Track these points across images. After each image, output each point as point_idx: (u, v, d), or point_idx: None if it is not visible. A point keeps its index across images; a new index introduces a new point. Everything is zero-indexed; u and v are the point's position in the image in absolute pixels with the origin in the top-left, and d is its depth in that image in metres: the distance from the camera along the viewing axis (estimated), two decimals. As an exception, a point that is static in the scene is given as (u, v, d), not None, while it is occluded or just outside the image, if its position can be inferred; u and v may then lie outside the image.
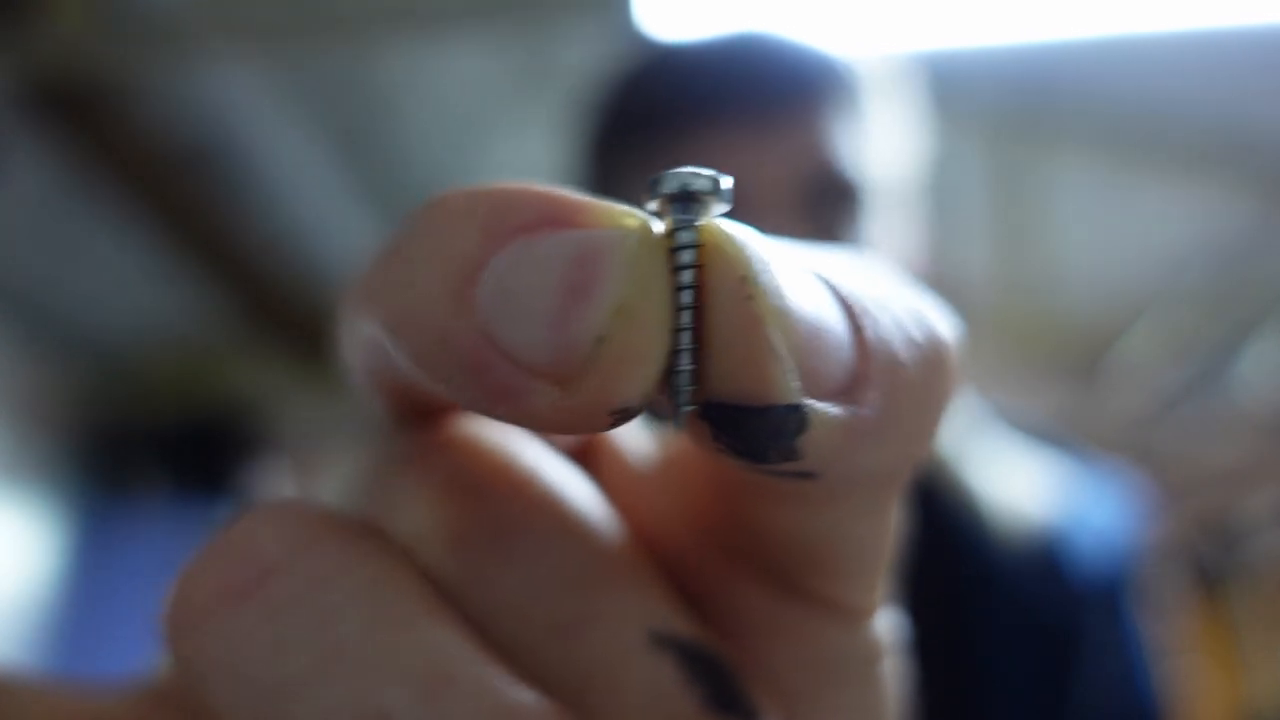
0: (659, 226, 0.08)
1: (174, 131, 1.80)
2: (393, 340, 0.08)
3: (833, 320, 0.08)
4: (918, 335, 0.08)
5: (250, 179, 1.95)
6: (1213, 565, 3.11)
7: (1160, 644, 0.44)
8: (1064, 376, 2.74)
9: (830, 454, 0.07)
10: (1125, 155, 1.99)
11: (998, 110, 1.92)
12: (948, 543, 0.41)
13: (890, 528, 0.09)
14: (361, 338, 0.09)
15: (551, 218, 0.07)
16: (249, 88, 1.70)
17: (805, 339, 0.07)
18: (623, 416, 0.07)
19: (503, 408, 0.07)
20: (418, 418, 0.10)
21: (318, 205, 2.01)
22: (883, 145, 0.39)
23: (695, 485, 0.10)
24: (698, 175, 0.08)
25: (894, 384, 0.08)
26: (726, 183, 0.08)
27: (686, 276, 0.07)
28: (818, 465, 0.07)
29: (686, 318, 0.07)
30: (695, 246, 0.07)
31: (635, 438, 0.11)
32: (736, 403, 0.07)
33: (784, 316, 0.07)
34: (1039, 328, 2.26)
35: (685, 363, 0.07)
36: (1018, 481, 0.43)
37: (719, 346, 0.07)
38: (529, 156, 1.64)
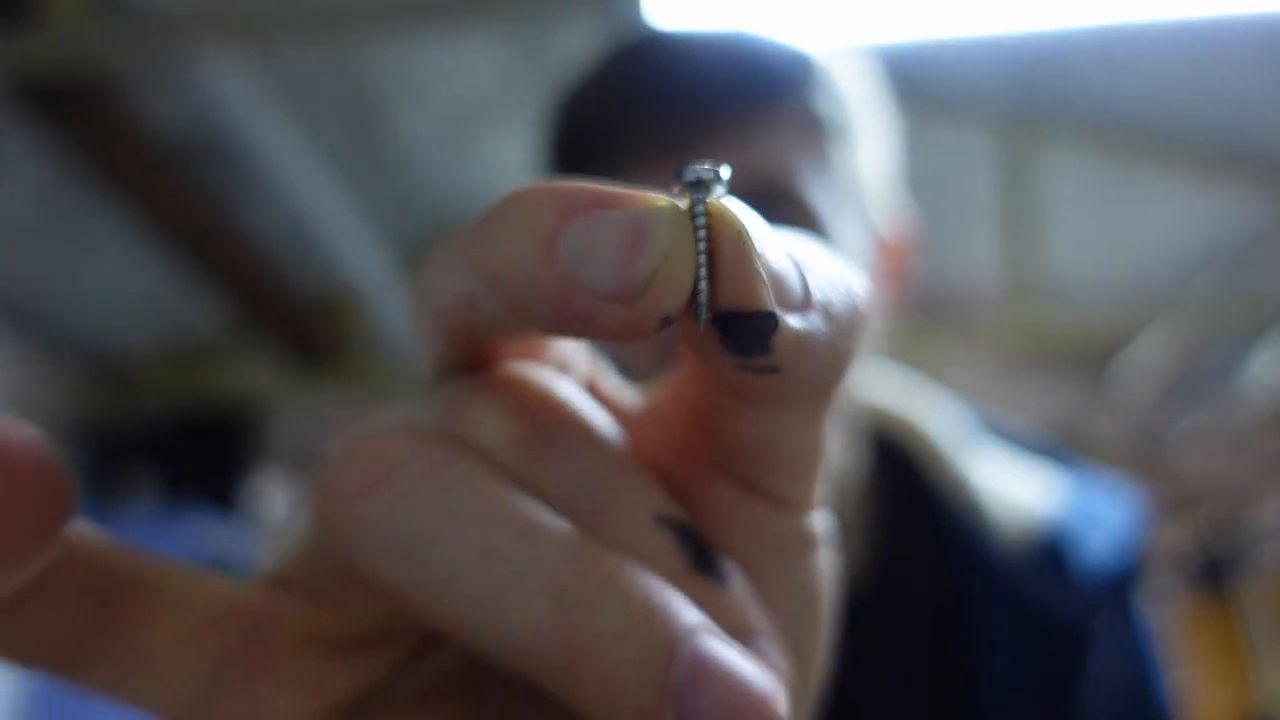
0: (681, 203, 0.12)
1: (170, 129, 1.79)
2: (490, 290, 0.12)
3: (789, 265, 0.12)
4: (840, 285, 0.12)
5: (247, 176, 1.94)
6: (1222, 567, 3.12)
7: (1169, 645, 0.45)
8: (1073, 377, 2.75)
9: (789, 353, 0.11)
10: (1136, 157, 2.00)
11: (1009, 113, 1.93)
12: (949, 542, 0.43)
13: (823, 440, 0.13)
14: (454, 295, 0.13)
15: (603, 202, 0.11)
16: (245, 84, 1.69)
17: (775, 274, 0.11)
18: (665, 322, 0.11)
19: (580, 324, 0.11)
20: (476, 365, 0.14)
21: (315, 202, 1.98)
22: (852, 150, 0.40)
23: (673, 416, 0.14)
24: (706, 168, 0.12)
25: (827, 314, 0.12)
26: (725, 172, 0.12)
27: (702, 234, 0.11)
28: (781, 360, 0.11)
29: (703, 259, 0.11)
30: (706, 214, 0.11)
31: (623, 390, 0.16)
32: (734, 309, 0.11)
33: (763, 257, 0.11)
34: (1048, 329, 2.28)
35: (704, 288, 0.11)
36: (1019, 486, 0.44)
37: (724, 274, 0.11)
38: (528, 152, 1.66)
